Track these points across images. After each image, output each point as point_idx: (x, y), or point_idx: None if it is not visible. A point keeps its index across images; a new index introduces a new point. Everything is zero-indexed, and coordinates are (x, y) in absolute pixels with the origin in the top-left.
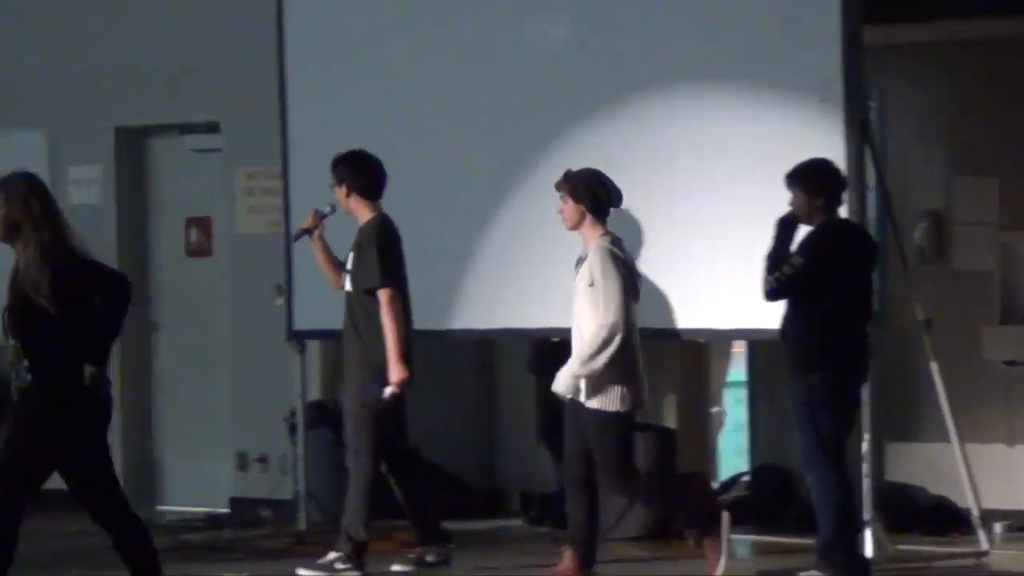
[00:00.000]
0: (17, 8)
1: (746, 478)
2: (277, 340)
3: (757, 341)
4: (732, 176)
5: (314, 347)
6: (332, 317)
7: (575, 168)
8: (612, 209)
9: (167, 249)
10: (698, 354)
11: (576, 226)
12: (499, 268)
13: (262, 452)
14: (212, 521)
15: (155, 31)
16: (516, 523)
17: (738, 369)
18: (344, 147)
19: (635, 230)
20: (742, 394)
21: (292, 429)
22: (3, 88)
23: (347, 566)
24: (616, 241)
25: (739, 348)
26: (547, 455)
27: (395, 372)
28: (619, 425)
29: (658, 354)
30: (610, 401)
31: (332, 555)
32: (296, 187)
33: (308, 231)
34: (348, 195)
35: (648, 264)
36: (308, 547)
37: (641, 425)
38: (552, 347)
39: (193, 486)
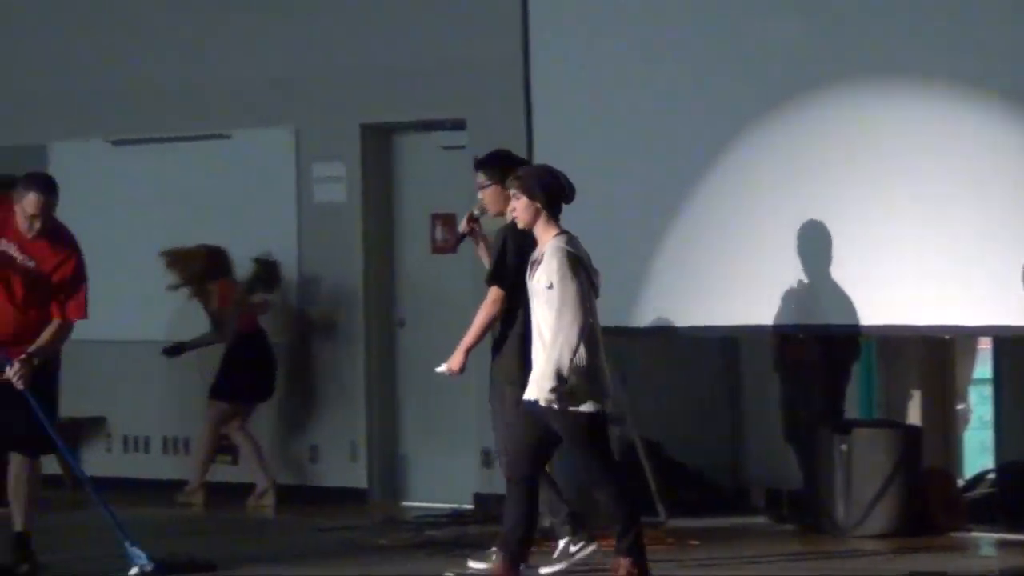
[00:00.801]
0: (266, 10)
1: (991, 475)
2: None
3: (1002, 338)
4: (973, 173)
5: None
6: None
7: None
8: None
9: (412, 246)
10: (943, 351)
11: (530, 224)
12: (743, 265)
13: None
14: (457, 517)
15: (402, 29)
16: (760, 520)
17: (984, 366)
18: (587, 144)
19: (871, 224)
20: (987, 391)
21: None
22: (253, 86)
23: (578, 545)
24: (572, 240)
25: (984, 345)
26: (791, 452)
27: (455, 359)
28: (592, 423)
29: (904, 351)
30: (580, 401)
31: (560, 543)
32: None
33: (464, 235)
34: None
35: (892, 261)
36: (552, 542)
37: (886, 422)
38: (796, 343)
39: (438, 482)
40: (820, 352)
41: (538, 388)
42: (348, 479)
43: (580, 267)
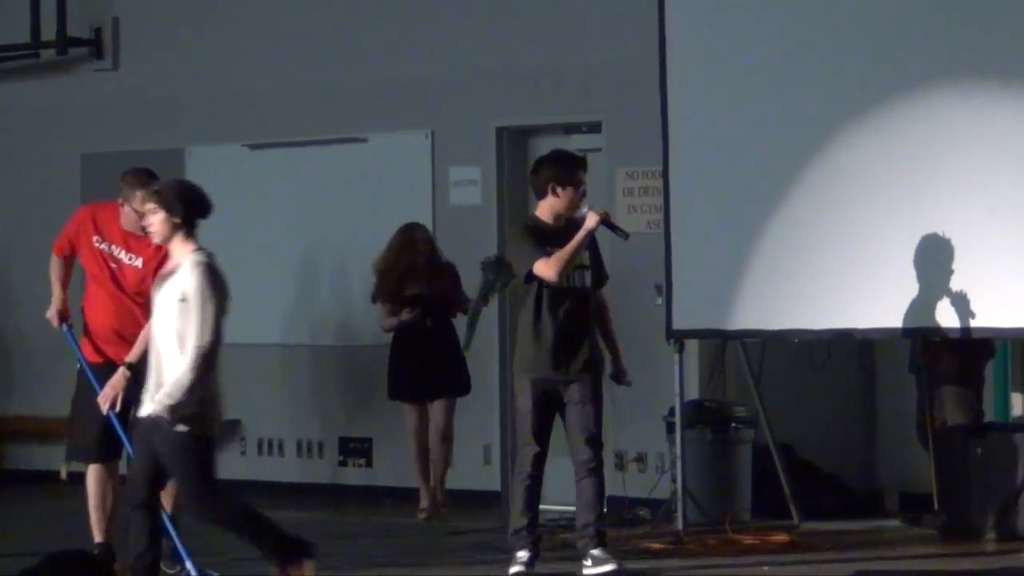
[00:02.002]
0: (402, 13)
1: None
2: (656, 339)
3: None
4: None
5: (692, 346)
6: (711, 317)
7: None
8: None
9: None
10: None
11: (168, 239)
12: (878, 268)
13: (640, 451)
14: None
15: (538, 31)
16: (894, 523)
17: None
18: (724, 146)
19: (1005, 225)
20: None
21: (670, 428)
22: (389, 90)
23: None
24: (211, 255)
25: None
26: (926, 455)
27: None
28: (198, 447)
29: None
30: (192, 423)
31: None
32: (676, 187)
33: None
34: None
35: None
36: (685, 547)
37: (1021, 426)
38: (931, 347)
39: (571, 485)
40: (955, 355)
41: (158, 402)
42: (482, 482)
43: (221, 285)
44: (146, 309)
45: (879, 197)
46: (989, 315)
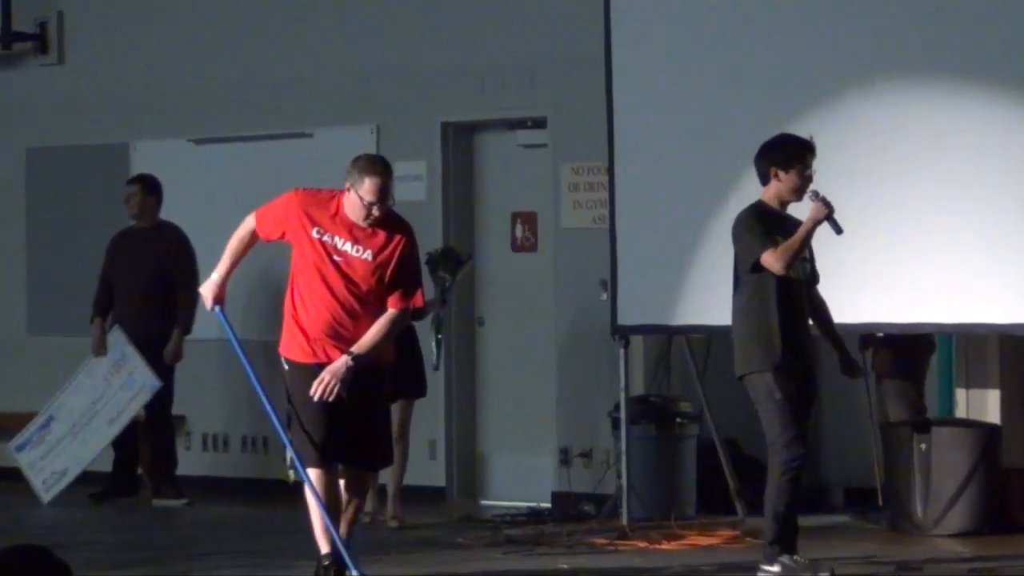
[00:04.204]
0: (347, 8)
1: None
2: (601, 335)
3: None
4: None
5: (637, 342)
6: (656, 312)
7: None
8: None
9: (493, 244)
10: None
11: None
12: (822, 264)
13: (585, 447)
14: (534, 515)
15: (483, 27)
16: (841, 518)
17: None
18: (669, 142)
19: (952, 221)
20: None
21: (615, 424)
22: (334, 85)
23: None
24: None
25: None
26: (870, 450)
27: None
28: None
29: (983, 350)
30: None
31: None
32: (621, 182)
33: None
34: None
35: (971, 260)
36: (631, 542)
37: (965, 421)
38: (875, 342)
39: (516, 480)
40: (895, 351)
41: None
42: (427, 477)
43: None
44: (371, 304)
45: (826, 192)
46: (932, 310)
